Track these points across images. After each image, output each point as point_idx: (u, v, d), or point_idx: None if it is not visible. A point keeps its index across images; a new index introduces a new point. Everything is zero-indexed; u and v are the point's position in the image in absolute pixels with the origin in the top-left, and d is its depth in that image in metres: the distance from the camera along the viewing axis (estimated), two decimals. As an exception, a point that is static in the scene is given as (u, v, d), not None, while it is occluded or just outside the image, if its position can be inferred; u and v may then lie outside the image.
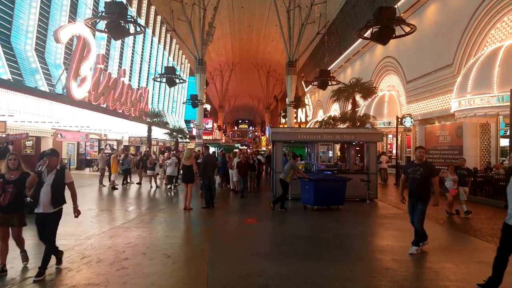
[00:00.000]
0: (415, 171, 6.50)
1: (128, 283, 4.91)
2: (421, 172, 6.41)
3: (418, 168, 6.48)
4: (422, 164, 6.56)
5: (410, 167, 6.67)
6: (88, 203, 12.39)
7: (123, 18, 11.64)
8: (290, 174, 11.12)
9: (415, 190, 6.45)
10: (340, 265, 5.86)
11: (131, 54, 32.73)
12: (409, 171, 6.61)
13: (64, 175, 5.41)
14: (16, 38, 17.52)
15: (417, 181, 6.42)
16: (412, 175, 6.51)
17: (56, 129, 20.75)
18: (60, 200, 5.42)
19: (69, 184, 5.49)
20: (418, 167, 6.50)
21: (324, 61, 39.09)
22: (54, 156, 5.45)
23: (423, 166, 6.50)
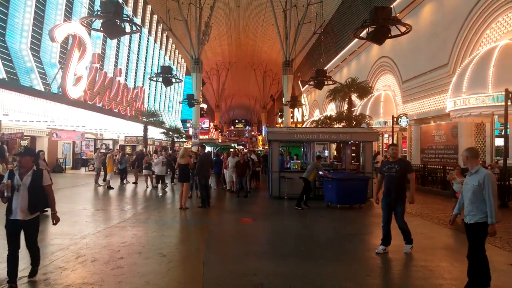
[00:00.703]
0: (390, 168, 6.39)
1: (123, 282, 4.90)
2: (396, 169, 6.30)
3: (393, 166, 6.37)
4: (397, 161, 6.47)
5: (385, 165, 6.55)
6: (83, 202, 12.37)
7: (118, 17, 11.58)
8: (313, 174, 11.28)
9: (392, 188, 6.30)
10: (335, 264, 5.88)
11: (127, 53, 32.63)
12: (385, 169, 6.49)
13: (42, 176, 4.83)
14: (11, 37, 17.40)
15: (393, 178, 6.31)
16: (388, 172, 6.40)
17: (52, 129, 20.65)
18: (40, 205, 4.88)
19: (46, 187, 4.88)
20: (393, 164, 6.39)
21: (321, 60, 39.14)
22: (27, 155, 4.87)
23: (398, 163, 6.42)
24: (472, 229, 4.51)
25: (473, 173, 4.55)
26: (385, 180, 6.47)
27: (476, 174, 4.51)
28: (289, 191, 12.82)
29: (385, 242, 6.33)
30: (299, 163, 14.89)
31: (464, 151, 4.77)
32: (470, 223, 4.53)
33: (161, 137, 30.92)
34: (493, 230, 4.39)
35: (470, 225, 4.53)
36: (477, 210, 4.45)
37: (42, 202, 4.92)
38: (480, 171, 4.51)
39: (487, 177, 4.40)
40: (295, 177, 13.00)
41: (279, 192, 13.02)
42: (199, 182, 11.33)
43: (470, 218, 4.51)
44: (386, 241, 6.33)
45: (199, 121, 37.48)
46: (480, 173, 4.48)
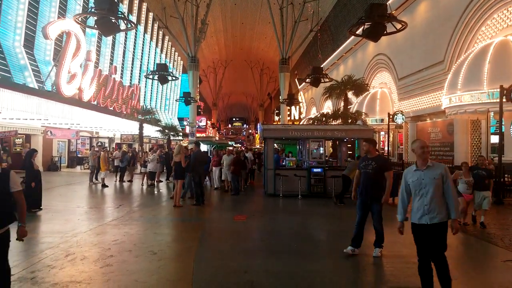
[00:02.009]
0: (367, 165, 6.04)
1: (111, 280, 4.84)
2: (373, 166, 5.96)
3: (370, 162, 6.02)
4: (375, 158, 6.11)
5: (362, 162, 6.19)
6: (77, 200, 12.30)
7: (112, 14, 11.48)
8: (354, 172, 11.20)
9: (369, 186, 5.96)
10: (328, 261, 5.86)
11: (123, 51, 32.45)
12: (361, 166, 6.13)
13: (9, 181, 3.79)
14: (4, 34, 17.23)
15: (369, 175, 5.97)
16: (364, 169, 6.05)
17: (46, 127, 20.53)
18: (5, 217, 3.77)
19: (16, 194, 3.82)
20: (370, 161, 6.03)
21: (317, 58, 39.10)
22: None
23: (376, 160, 6.06)
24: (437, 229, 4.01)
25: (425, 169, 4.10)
26: (361, 177, 6.13)
27: (432, 168, 4.08)
28: (284, 189, 12.79)
29: (356, 243, 6.00)
30: (295, 161, 14.86)
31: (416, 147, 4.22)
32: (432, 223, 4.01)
33: (157, 135, 30.81)
34: (457, 225, 4.08)
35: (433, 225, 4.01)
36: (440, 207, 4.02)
37: (11, 212, 3.85)
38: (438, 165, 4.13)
39: (447, 170, 4.08)
40: (290, 174, 13.00)
41: (274, 190, 12.98)
42: (193, 180, 11.26)
43: (433, 218, 4.00)
44: (357, 242, 6.01)
45: (196, 119, 37.41)
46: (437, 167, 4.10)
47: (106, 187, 15.27)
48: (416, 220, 4.10)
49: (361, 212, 6.08)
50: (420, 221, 4.06)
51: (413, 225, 4.15)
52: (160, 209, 10.87)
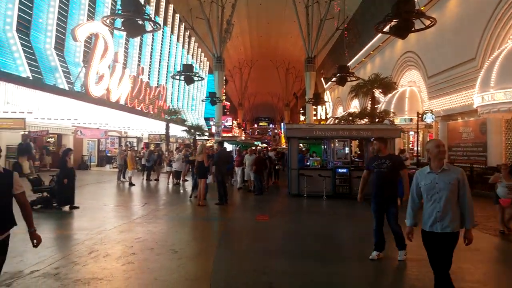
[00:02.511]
0: (380, 164, 5.76)
1: (132, 278, 4.89)
2: (387, 165, 5.70)
3: (384, 161, 5.76)
4: (388, 156, 5.86)
5: (374, 161, 5.90)
6: (104, 198, 12.59)
7: (139, 16, 11.68)
8: None
9: (384, 186, 5.68)
10: (350, 264, 5.71)
11: (150, 52, 33.05)
12: (374, 165, 5.85)
13: (12, 182, 3.40)
14: (36, 36, 17.89)
15: (383, 175, 5.70)
16: (378, 169, 5.77)
17: (76, 127, 21.15)
18: (7, 221, 3.39)
19: (18, 196, 3.46)
20: (384, 159, 5.79)
21: (344, 57, 38.54)
22: None
23: (389, 158, 5.82)
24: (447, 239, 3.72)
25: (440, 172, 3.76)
26: (375, 177, 5.82)
27: (448, 171, 3.75)
28: (308, 189, 12.63)
29: (379, 247, 5.79)
30: (319, 161, 14.66)
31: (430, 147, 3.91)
32: (443, 232, 3.71)
33: (184, 135, 31.20)
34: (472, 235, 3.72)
35: (444, 234, 3.71)
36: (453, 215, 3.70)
37: (10, 218, 3.41)
38: (453, 168, 3.83)
39: (463, 174, 3.74)
40: (314, 174, 12.83)
41: (298, 190, 12.84)
42: (216, 179, 11.29)
43: (445, 226, 3.70)
44: (380, 246, 5.79)
45: (222, 119, 37.64)
46: (453, 170, 3.78)
47: (133, 186, 15.56)
48: (427, 227, 3.79)
49: (378, 214, 5.82)
50: (431, 228, 3.75)
51: (423, 232, 3.85)
52: (184, 208, 10.95)
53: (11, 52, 16.04)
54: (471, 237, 3.72)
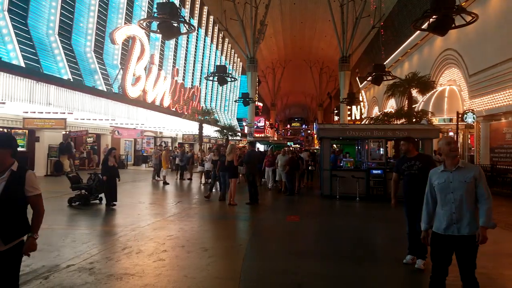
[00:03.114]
0: (410, 166, 5.41)
1: (162, 275, 4.95)
2: (418, 167, 5.34)
3: (414, 162, 5.40)
4: (417, 157, 5.52)
5: (403, 163, 5.55)
6: (139, 196, 12.91)
7: (174, 18, 11.91)
8: None
9: (417, 189, 5.13)
10: (380, 267, 5.53)
11: (185, 54, 33.67)
12: (404, 167, 5.50)
13: (24, 182, 2.98)
14: (76, 40, 18.71)
15: (415, 177, 5.31)
16: (408, 171, 5.43)
17: (114, 127, 21.87)
18: (17, 227, 2.98)
19: (32, 198, 3.03)
20: (413, 161, 5.44)
21: (380, 55, 37.61)
22: None
23: (419, 159, 5.46)
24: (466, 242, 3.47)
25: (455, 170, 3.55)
26: (406, 180, 5.48)
27: (464, 169, 3.52)
28: (341, 190, 12.38)
29: (414, 251, 5.50)
30: (352, 162, 14.35)
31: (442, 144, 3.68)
32: (461, 234, 3.47)
33: (217, 135, 31.55)
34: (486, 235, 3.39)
35: (461, 237, 3.47)
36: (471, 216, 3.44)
37: (25, 221, 3.06)
38: (469, 165, 3.60)
39: (481, 172, 3.49)
40: (347, 175, 12.56)
41: (331, 191, 12.61)
42: (247, 179, 11.29)
43: (461, 229, 3.46)
44: (414, 250, 5.49)
45: (255, 120, 37.76)
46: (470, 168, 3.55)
47: (167, 185, 15.87)
48: (441, 230, 3.53)
49: (412, 218, 5.47)
50: (446, 231, 3.49)
51: (434, 235, 3.60)
52: (215, 206, 11.02)
53: (54, 55, 16.84)
54: (485, 236, 3.38)
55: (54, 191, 12.86)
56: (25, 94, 12.14)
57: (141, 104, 20.21)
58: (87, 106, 15.28)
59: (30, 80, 12.37)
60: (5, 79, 11.34)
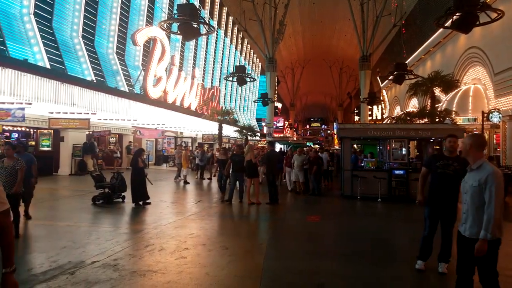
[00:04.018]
0: (446, 165, 5.02)
1: (184, 272, 5.00)
2: (455, 168, 4.98)
3: (452, 163, 5.02)
4: (456, 158, 5.11)
5: (439, 160, 5.13)
6: (161, 195, 13.04)
7: (194, 19, 12.02)
8: None
9: (448, 191, 5.00)
10: (402, 268, 5.44)
11: (204, 54, 33.94)
12: (438, 165, 5.07)
13: None
14: (99, 42, 19.15)
15: (449, 178, 4.98)
16: (443, 170, 5.02)
17: (135, 127, 22.23)
18: None
19: None
20: (451, 160, 5.05)
21: (401, 54, 36.99)
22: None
23: (457, 160, 5.05)
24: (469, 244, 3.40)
25: (474, 170, 3.43)
26: (436, 179, 5.11)
27: (478, 170, 3.39)
28: (362, 191, 12.23)
29: (425, 256, 5.21)
30: (374, 162, 14.16)
31: (466, 138, 3.56)
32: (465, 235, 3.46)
33: (236, 135, 31.67)
34: (482, 247, 3.24)
35: (468, 239, 3.42)
36: (473, 220, 3.36)
37: None
38: (484, 167, 3.36)
39: (491, 176, 3.26)
40: (369, 176, 12.40)
41: (352, 192, 12.47)
42: (267, 179, 11.29)
43: (465, 230, 3.46)
44: (427, 255, 5.21)
45: (274, 120, 37.70)
46: (483, 170, 3.35)
47: (187, 184, 16.03)
48: (459, 227, 3.60)
49: (433, 221, 5.18)
50: (459, 228, 3.57)
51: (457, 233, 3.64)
52: (234, 206, 11.03)
53: (77, 57, 17.26)
54: (481, 248, 3.24)
55: (78, 190, 13.17)
56: (50, 94, 12.47)
57: (162, 105, 20.49)
58: (110, 106, 15.59)
59: (56, 81, 12.71)
60: (32, 80, 11.69)
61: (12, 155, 6.72)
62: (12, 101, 11.94)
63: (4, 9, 13.90)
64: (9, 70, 10.77)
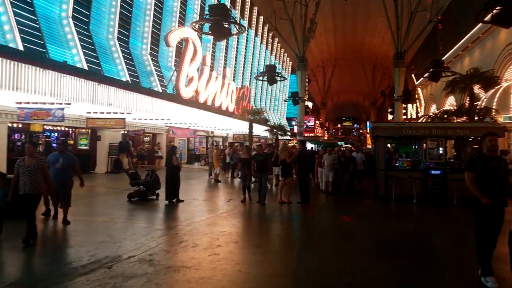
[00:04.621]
0: (497, 166, 4.65)
1: (217, 269, 5.05)
2: (504, 168, 4.66)
3: (500, 163, 4.70)
4: (499, 158, 4.85)
5: (488, 161, 4.71)
6: (193, 193, 13.23)
7: (225, 20, 12.11)
8: None
9: (503, 193, 4.64)
10: (441, 270, 5.24)
11: (235, 54, 34.15)
12: (491, 167, 4.68)
13: None
14: (134, 43, 19.71)
15: (502, 180, 4.64)
16: (496, 171, 4.64)
17: (168, 126, 22.68)
18: None
19: None
20: (498, 160, 4.73)
21: (437, 51, 35.80)
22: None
23: (501, 160, 4.80)
24: None
25: None
26: (490, 182, 4.67)
27: None
28: (396, 191, 11.91)
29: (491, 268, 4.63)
30: (409, 162, 13.75)
31: None
32: None
33: (266, 135, 31.67)
34: None
35: None
36: None
37: None
38: None
39: None
40: (404, 176, 12.06)
41: (386, 192, 12.16)
42: (298, 178, 11.18)
43: None
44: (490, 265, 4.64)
45: (304, 119, 37.40)
46: None
47: (219, 182, 16.19)
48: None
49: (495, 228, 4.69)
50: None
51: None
52: (266, 204, 11.03)
53: (113, 58, 17.81)
54: None
55: (115, 187, 13.58)
56: (88, 95, 12.92)
57: (193, 104, 20.79)
58: (144, 106, 15.97)
59: (93, 82, 13.14)
60: (71, 81, 12.14)
61: (33, 153, 6.41)
62: (52, 102, 12.44)
63: (45, 14, 14.52)
64: (49, 72, 11.23)
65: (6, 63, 9.85)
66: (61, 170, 7.57)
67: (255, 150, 12.85)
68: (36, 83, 10.77)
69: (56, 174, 7.39)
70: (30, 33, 13.49)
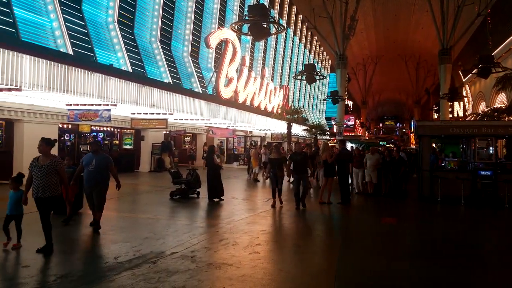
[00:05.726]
0: None
1: (257, 267, 5.07)
2: None
3: None
4: None
5: None
6: (232, 192, 13.35)
7: (265, 19, 12.12)
8: None
9: None
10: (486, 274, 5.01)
11: (274, 54, 34.14)
12: None
13: None
14: (175, 46, 20.24)
15: None
16: None
17: (208, 126, 23.06)
18: None
19: None
20: None
21: (487, 46, 33.95)
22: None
23: None
24: None
25: None
26: None
27: None
28: (442, 193, 11.41)
29: None
30: (456, 162, 13.14)
31: None
32: None
33: (304, 134, 31.42)
34: None
35: None
36: None
37: None
38: None
39: None
40: (450, 177, 11.54)
41: (431, 194, 11.69)
42: (338, 178, 10.97)
43: None
44: None
45: (344, 118, 36.73)
46: None
47: (257, 182, 16.27)
48: None
49: None
50: None
51: None
52: (306, 204, 10.93)
53: (156, 61, 18.38)
54: None
55: (158, 186, 14.00)
56: (133, 96, 13.39)
57: (232, 104, 21.00)
58: (185, 107, 16.34)
59: (137, 84, 13.61)
60: (117, 84, 12.64)
61: (47, 153, 5.81)
62: (99, 103, 13.01)
63: (92, 19, 15.22)
64: (97, 75, 11.75)
65: (57, 67, 10.39)
66: (94, 171, 6.88)
67: (294, 149, 12.70)
68: (84, 85, 11.28)
69: (89, 176, 6.91)
70: (79, 37, 14.17)
